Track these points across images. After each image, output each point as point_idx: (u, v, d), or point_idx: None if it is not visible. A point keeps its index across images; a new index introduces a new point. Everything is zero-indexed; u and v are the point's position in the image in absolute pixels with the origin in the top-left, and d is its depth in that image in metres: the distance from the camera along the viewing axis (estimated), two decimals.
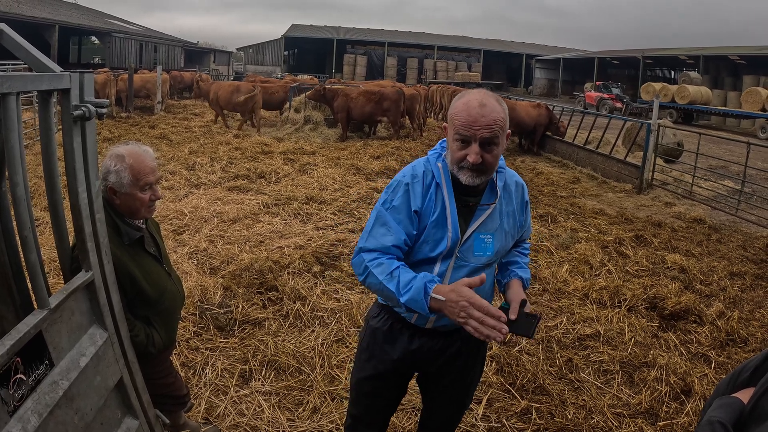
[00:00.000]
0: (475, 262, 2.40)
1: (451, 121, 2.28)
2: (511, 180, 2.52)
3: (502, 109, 2.24)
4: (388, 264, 2.23)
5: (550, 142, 17.30)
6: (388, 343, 2.55)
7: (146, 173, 2.69)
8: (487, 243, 2.40)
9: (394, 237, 2.30)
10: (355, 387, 2.77)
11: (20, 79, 1.68)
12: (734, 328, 5.44)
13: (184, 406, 3.31)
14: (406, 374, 2.71)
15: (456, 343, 2.54)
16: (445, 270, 2.38)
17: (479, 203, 2.40)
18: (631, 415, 4.12)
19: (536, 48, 75.55)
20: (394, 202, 2.35)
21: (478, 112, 2.19)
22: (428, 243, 2.36)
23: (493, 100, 2.24)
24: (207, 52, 62.61)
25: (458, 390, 2.70)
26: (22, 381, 1.67)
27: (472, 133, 2.20)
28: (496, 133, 2.21)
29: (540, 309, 5.68)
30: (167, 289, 2.89)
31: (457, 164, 2.28)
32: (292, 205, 8.92)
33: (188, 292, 5.30)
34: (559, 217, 9.37)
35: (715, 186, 12.60)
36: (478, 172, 2.25)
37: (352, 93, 17.46)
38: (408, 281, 2.14)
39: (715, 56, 44.17)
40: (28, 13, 34.96)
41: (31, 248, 1.82)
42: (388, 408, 2.82)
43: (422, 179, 2.37)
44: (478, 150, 2.21)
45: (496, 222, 2.42)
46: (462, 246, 2.37)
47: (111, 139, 14.34)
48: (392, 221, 2.33)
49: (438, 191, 2.36)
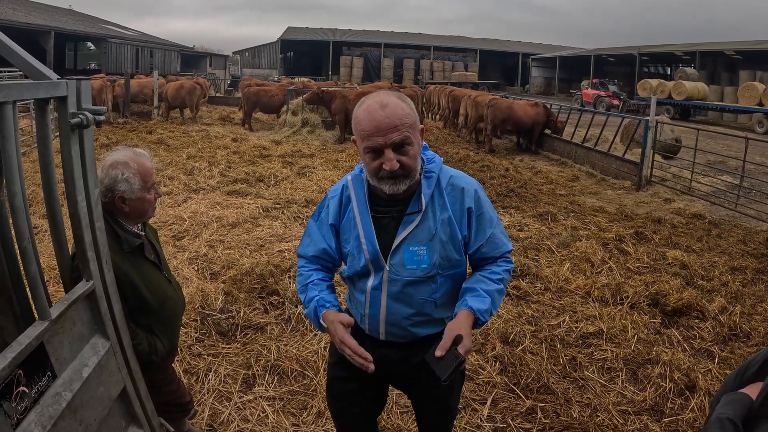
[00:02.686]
0: (410, 276, 2.27)
1: (356, 132, 2.17)
2: (447, 183, 2.31)
3: (407, 105, 2.15)
4: (306, 276, 2.44)
5: (549, 140, 17.28)
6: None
7: (150, 174, 2.75)
8: (421, 255, 2.26)
9: (314, 248, 2.45)
10: (329, 391, 2.68)
11: (17, 87, 1.67)
12: (737, 322, 5.43)
13: (188, 413, 3.29)
14: (377, 381, 2.56)
15: (418, 354, 2.37)
16: (379, 283, 2.31)
17: (405, 212, 2.27)
18: (636, 412, 4.10)
19: (532, 47, 75.70)
20: (321, 215, 2.46)
21: (382, 115, 2.08)
22: (352, 256, 2.34)
23: (395, 98, 2.14)
24: (203, 56, 62.56)
25: (436, 399, 2.57)
26: (25, 393, 1.66)
27: (382, 141, 2.09)
28: (405, 133, 2.10)
29: (542, 308, 5.67)
30: (168, 296, 2.87)
31: (375, 176, 2.18)
32: (291, 209, 8.90)
33: (189, 297, 5.29)
34: (559, 215, 9.35)
35: (714, 181, 12.60)
36: (398, 178, 2.15)
37: (350, 95, 17.46)
38: (310, 299, 2.35)
39: (711, 52, 44.21)
40: (23, 20, 34.96)
41: (31, 259, 1.80)
42: (363, 415, 2.65)
43: (340, 195, 2.39)
44: (392, 155, 2.10)
45: (430, 232, 2.26)
46: (391, 259, 2.27)
47: (108, 145, 14.30)
48: (316, 233, 2.46)
49: (351, 205, 2.34)
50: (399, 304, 2.32)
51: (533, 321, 5.39)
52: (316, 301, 2.31)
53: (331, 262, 2.48)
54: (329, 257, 2.45)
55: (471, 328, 2.21)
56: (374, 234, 2.27)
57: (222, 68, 62.95)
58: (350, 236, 2.34)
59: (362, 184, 2.32)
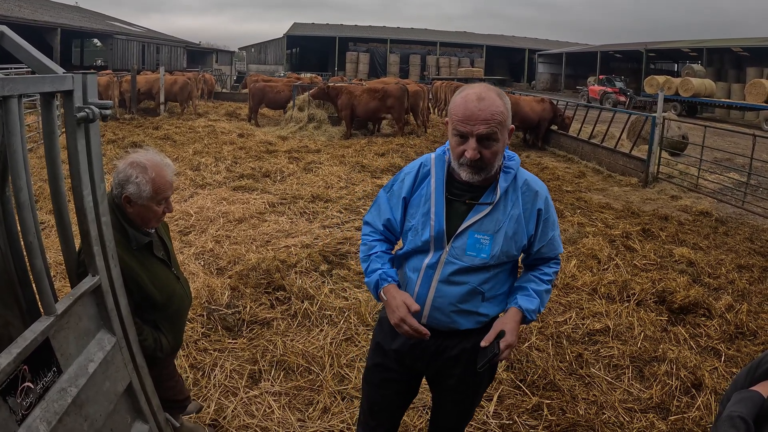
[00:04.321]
0: (467, 262, 2.34)
1: (450, 115, 2.26)
2: (522, 182, 2.39)
3: (503, 103, 2.20)
4: (369, 245, 2.55)
5: (555, 136, 17.22)
6: (391, 334, 2.53)
7: (166, 189, 2.68)
8: (483, 244, 2.33)
9: (381, 217, 2.55)
10: (364, 376, 2.77)
11: (22, 81, 1.66)
12: (743, 321, 5.40)
13: (183, 410, 3.30)
14: (412, 370, 2.63)
15: (456, 346, 2.47)
16: (436, 262, 2.37)
17: (478, 201, 2.34)
18: (642, 409, 4.09)
19: (538, 42, 75.40)
20: (394, 187, 2.54)
21: (476, 106, 2.16)
22: (416, 231, 2.40)
23: (494, 94, 2.20)
24: (209, 52, 62.65)
25: (461, 396, 2.63)
26: (30, 389, 1.65)
27: (469, 129, 2.17)
28: (494, 129, 2.17)
29: (549, 305, 5.64)
30: (175, 293, 2.86)
31: (456, 160, 2.27)
32: (297, 204, 8.91)
33: (195, 293, 5.29)
34: (566, 211, 9.32)
35: (721, 178, 12.52)
36: (476, 168, 2.24)
37: (356, 90, 17.43)
38: (373, 270, 2.46)
39: (719, 48, 43.88)
40: (29, 17, 35.00)
41: (36, 254, 1.80)
42: (396, 403, 2.74)
43: (417, 171, 2.47)
44: (476, 146, 2.18)
45: (497, 224, 2.33)
46: (454, 241, 2.34)
47: (115, 140, 14.32)
48: (385, 203, 2.56)
49: (429, 182, 2.40)
50: (450, 287, 2.37)
51: (540, 317, 5.36)
52: (378, 274, 2.43)
53: (393, 234, 2.58)
54: (392, 228, 2.55)
55: (518, 324, 2.37)
56: (444, 212, 2.35)
57: (228, 64, 63.01)
58: (417, 212, 2.42)
59: (443, 165, 2.40)
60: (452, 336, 2.46)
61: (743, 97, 33.83)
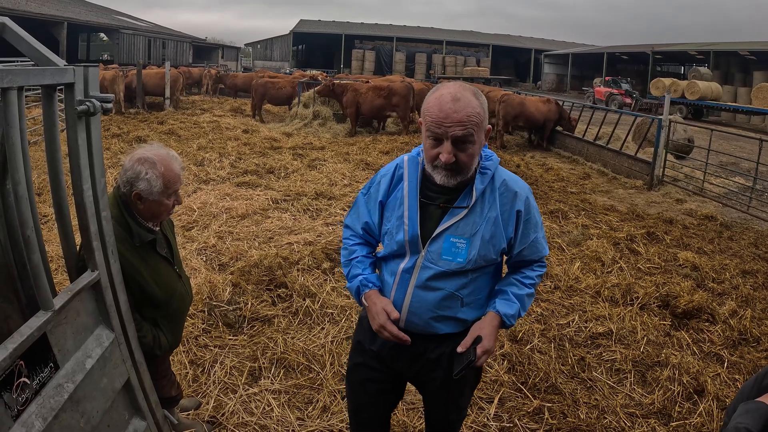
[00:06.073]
0: (444, 266, 2.27)
1: (423, 116, 2.19)
2: (500, 183, 2.31)
3: (479, 103, 2.13)
4: (350, 250, 2.53)
5: (560, 137, 17.18)
6: (371, 334, 2.47)
7: (175, 182, 2.68)
8: (459, 248, 2.26)
9: (360, 221, 2.52)
10: (347, 377, 2.72)
11: (22, 73, 1.64)
12: (747, 327, 5.36)
13: (176, 404, 3.29)
14: (393, 371, 2.55)
15: (435, 350, 2.41)
16: (412, 266, 2.32)
17: (453, 205, 2.27)
18: (643, 415, 4.06)
19: (545, 43, 75.27)
20: (371, 190, 2.50)
21: (451, 107, 2.07)
22: (391, 235, 2.36)
23: (470, 93, 2.12)
24: (215, 48, 62.69)
25: (447, 397, 2.55)
26: (26, 385, 1.64)
27: (444, 131, 2.09)
28: (470, 131, 2.09)
29: (551, 307, 5.61)
30: (176, 292, 2.85)
31: (431, 163, 2.21)
32: (301, 201, 8.88)
33: (197, 289, 5.28)
34: (570, 213, 9.28)
35: (727, 183, 12.47)
36: (452, 171, 2.17)
37: (362, 88, 17.42)
38: (354, 275, 2.45)
39: (725, 52, 43.73)
40: (36, 10, 35.10)
41: (34, 249, 1.78)
42: (381, 403, 2.67)
43: (393, 173, 2.42)
44: (451, 149, 2.11)
45: (474, 227, 2.26)
46: (430, 245, 2.28)
47: (119, 135, 14.31)
48: (363, 206, 2.52)
49: (401, 185, 2.36)
50: (426, 293, 2.31)
51: (542, 319, 5.34)
52: (359, 280, 2.42)
53: (373, 237, 2.55)
54: (371, 231, 2.52)
55: (496, 329, 2.31)
56: (418, 216, 2.29)
57: (234, 60, 63.04)
58: (392, 215, 2.37)
59: (417, 167, 2.34)
60: (431, 340, 2.40)
61: (749, 101, 33.73)
